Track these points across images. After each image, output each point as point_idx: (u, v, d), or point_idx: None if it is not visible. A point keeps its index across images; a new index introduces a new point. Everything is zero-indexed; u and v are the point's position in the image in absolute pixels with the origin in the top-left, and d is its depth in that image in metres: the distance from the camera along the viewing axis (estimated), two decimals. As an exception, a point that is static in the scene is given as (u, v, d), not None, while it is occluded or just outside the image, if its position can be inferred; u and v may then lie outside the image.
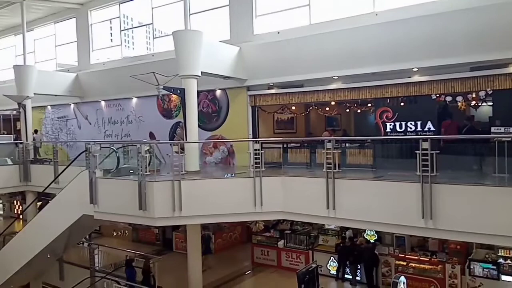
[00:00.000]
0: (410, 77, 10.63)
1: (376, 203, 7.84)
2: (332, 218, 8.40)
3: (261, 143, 9.40)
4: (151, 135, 15.58)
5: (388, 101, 11.25)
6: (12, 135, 20.79)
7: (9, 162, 14.90)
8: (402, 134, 10.73)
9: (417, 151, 7.26)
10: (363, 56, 10.66)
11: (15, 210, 25.18)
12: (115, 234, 20.16)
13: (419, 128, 10.51)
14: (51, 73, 17.76)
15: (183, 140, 11.69)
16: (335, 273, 13.52)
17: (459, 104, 10.52)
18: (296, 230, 15.17)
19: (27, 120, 15.64)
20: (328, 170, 8.29)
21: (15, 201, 25.11)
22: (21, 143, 15.36)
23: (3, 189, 15.66)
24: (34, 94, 15.65)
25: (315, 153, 10.19)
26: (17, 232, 14.07)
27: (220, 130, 13.80)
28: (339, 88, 11.81)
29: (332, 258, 13.70)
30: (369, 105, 12.87)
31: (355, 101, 12.85)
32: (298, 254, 14.46)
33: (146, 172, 8.76)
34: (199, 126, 11.48)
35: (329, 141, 8.56)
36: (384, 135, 10.96)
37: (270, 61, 12.25)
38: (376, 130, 11.29)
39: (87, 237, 15.69)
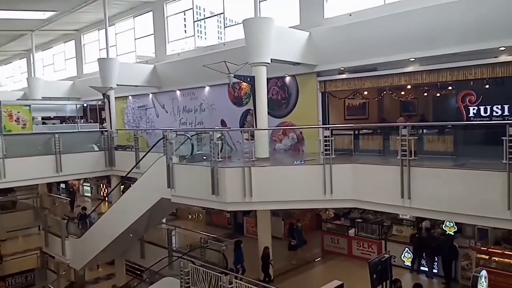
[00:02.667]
0: (496, 57, 9.75)
1: (456, 193, 7.37)
2: (407, 207, 8.07)
3: (331, 130, 9.25)
4: (223, 123, 15.97)
5: (472, 83, 10.45)
6: (98, 124, 22.51)
7: (96, 148, 16.09)
8: (487, 119, 9.94)
9: (503, 138, 6.70)
10: (443, 36, 9.95)
11: (102, 192, 27.44)
12: (190, 217, 21.19)
13: (506, 113, 9.69)
14: (132, 65, 18.84)
15: (253, 127, 11.85)
16: (409, 265, 13.05)
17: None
18: (367, 219, 14.80)
19: (111, 109, 16.79)
20: (403, 158, 7.94)
21: (101, 184, 27.41)
22: (106, 131, 16.55)
23: (91, 173, 16.98)
24: (117, 85, 16.70)
25: (389, 139, 9.77)
26: (104, 213, 15.29)
27: (289, 117, 13.76)
28: (416, 71, 11.17)
29: (406, 249, 13.20)
30: (450, 88, 12.05)
31: (434, 84, 12.06)
32: (370, 244, 14.13)
33: (218, 158, 9.04)
34: (268, 113, 11.56)
35: (405, 127, 8.18)
36: (466, 120, 10.26)
37: (341, 45, 11.89)
38: (457, 115, 10.62)
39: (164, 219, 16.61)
